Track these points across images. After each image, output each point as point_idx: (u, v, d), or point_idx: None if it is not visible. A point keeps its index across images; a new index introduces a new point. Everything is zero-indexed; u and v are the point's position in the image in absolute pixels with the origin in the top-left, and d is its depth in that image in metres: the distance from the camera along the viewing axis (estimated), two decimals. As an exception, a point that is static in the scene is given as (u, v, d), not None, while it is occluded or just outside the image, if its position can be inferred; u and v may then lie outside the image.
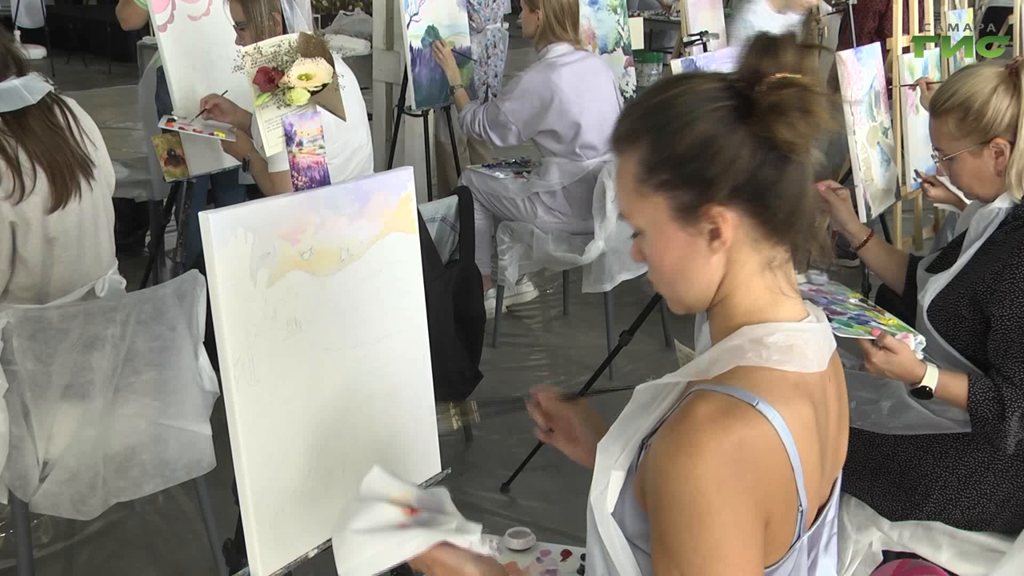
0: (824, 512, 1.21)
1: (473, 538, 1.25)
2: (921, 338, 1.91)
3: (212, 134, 3.11)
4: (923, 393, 1.87)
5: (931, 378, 1.86)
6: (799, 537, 1.13)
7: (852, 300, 2.04)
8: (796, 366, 1.11)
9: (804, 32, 1.25)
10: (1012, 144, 1.98)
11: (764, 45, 1.10)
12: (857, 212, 3.28)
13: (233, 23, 2.94)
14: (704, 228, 1.11)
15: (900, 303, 2.23)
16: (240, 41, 2.97)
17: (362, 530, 1.22)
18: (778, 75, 1.07)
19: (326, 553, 1.32)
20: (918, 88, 3.88)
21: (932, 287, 2.00)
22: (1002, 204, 2.00)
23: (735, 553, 1.04)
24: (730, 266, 1.14)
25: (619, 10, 4.68)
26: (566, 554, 1.78)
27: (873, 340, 1.85)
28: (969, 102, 2.00)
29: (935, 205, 4.59)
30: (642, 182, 1.13)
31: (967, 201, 2.35)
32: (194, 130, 3.21)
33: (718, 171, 1.09)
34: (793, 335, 1.13)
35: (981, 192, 2.07)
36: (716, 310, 1.18)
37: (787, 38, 1.10)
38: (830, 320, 1.85)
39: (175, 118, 3.27)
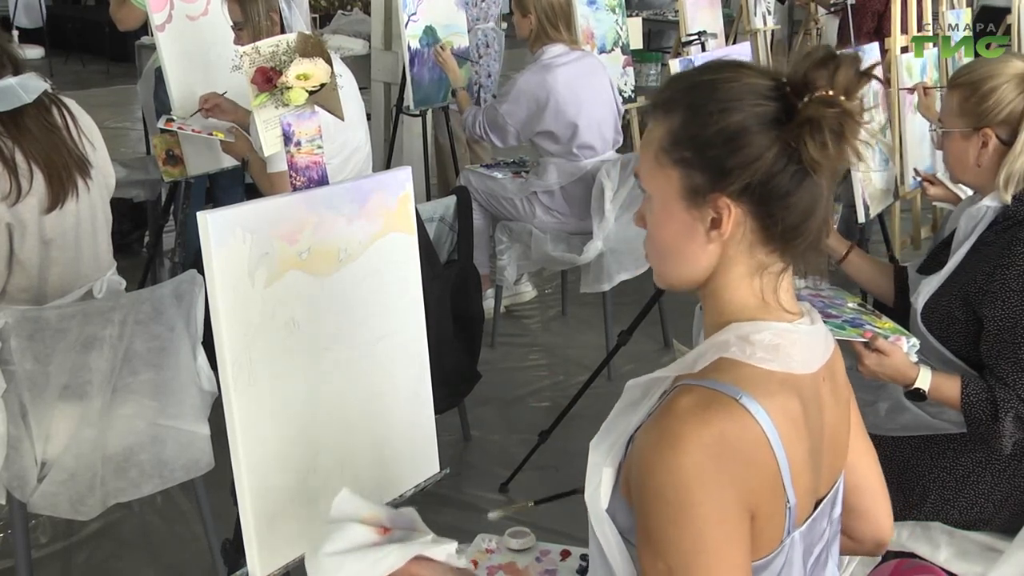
0: (823, 507, 1.21)
1: (450, 550, 1.25)
2: (915, 340, 1.91)
3: (211, 134, 3.10)
4: (917, 395, 1.88)
5: (924, 380, 1.86)
6: (789, 533, 1.13)
7: (850, 304, 2.05)
8: (780, 366, 1.12)
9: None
10: (1001, 140, 1.96)
11: (824, 59, 1.09)
12: (856, 212, 3.29)
13: (231, 23, 2.94)
14: (707, 215, 1.12)
15: (895, 311, 2.22)
16: (238, 41, 2.97)
17: (336, 552, 1.22)
18: (828, 92, 1.07)
19: (306, 551, 1.32)
20: (916, 93, 3.87)
21: (924, 290, 1.99)
22: (991, 203, 1.98)
23: (719, 544, 1.04)
24: (723, 260, 1.15)
25: (617, 10, 4.68)
26: (565, 554, 1.78)
27: (865, 342, 1.85)
28: (979, 84, 1.97)
29: (934, 204, 4.60)
30: (664, 152, 1.13)
31: (964, 198, 2.35)
32: (193, 130, 3.21)
33: (737, 165, 1.09)
34: (781, 335, 1.14)
35: (962, 177, 2.07)
36: (707, 305, 1.19)
37: (850, 59, 1.09)
38: (823, 323, 1.85)
39: (173, 118, 3.26)
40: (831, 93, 1.07)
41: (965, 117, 1.99)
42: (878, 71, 1.13)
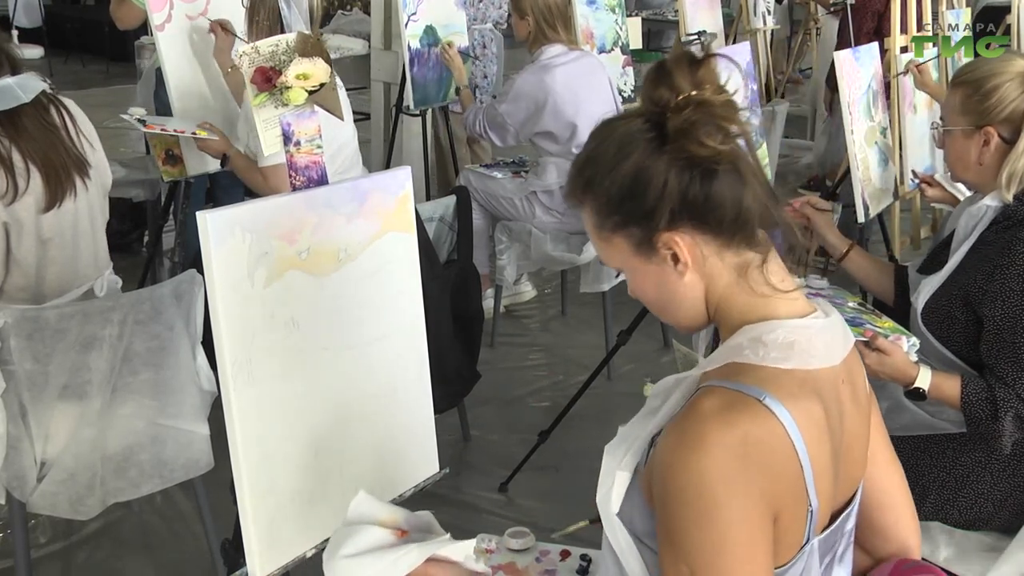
0: (841, 520, 1.20)
1: (468, 550, 1.25)
2: (915, 340, 1.91)
3: (194, 134, 3.09)
4: (916, 394, 1.87)
5: (924, 379, 1.86)
6: (808, 540, 1.12)
7: (850, 304, 2.05)
8: (797, 363, 1.12)
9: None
10: (1003, 139, 1.96)
11: (657, 74, 1.14)
12: (856, 211, 3.29)
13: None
14: (664, 255, 1.16)
15: (895, 310, 2.22)
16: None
17: (355, 554, 1.23)
18: (679, 98, 1.11)
19: (324, 553, 1.32)
20: (910, 74, 3.86)
21: (925, 289, 1.99)
22: (991, 202, 1.98)
23: (742, 547, 1.04)
24: (707, 280, 1.17)
25: (617, 10, 4.68)
26: (565, 554, 1.78)
27: (866, 342, 1.85)
28: (982, 81, 1.97)
29: (932, 205, 4.60)
30: (601, 229, 1.19)
31: (961, 199, 2.34)
32: (175, 130, 3.21)
33: (653, 202, 1.12)
34: (795, 331, 1.14)
35: (963, 176, 2.07)
36: (719, 321, 1.20)
37: (676, 59, 1.14)
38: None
39: (145, 119, 3.25)
40: (680, 97, 1.11)
41: (967, 115, 1.99)
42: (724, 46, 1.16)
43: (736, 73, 1.17)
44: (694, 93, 1.10)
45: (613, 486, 1.15)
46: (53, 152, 2.22)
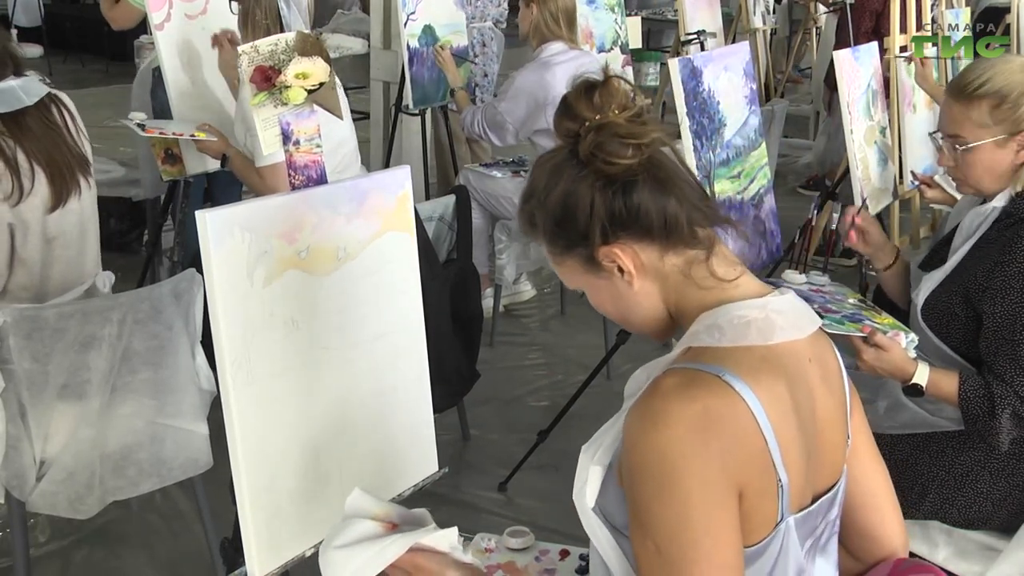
0: (822, 503, 1.21)
1: (452, 539, 1.26)
2: (913, 336, 1.91)
3: (193, 135, 3.09)
4: (914, 391, 1.88)
5: (922, 375, 1.86)
6: (783, 518, 1.13)
7: (851, 300, 2.05)
8: (755, 340, 1.15)
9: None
10: None
11: (562, 108, 1.21)
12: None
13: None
14: (610, 268, 1.21)
15: (901, 308, 2.21)
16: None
17: (344, 545, 1.26)
18: (584, 125, 1.17)
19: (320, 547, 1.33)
20: (912, 64, 3.85)
21: (925, 286, 2.00)
22: (999, 203, 1.98)
23: (705, 520, 1.06)
24: (659, 284, 1.21)
25: (617, 9, 4.68)
26: (564, 553, 1.78)
27: (864, 337, 1.85)
28: (1006, 90, 1.96)
29: (932, 206, 4.60)
30: (555, 253, 1.25)
31: (958, 198, 2.33)
32: (174, 133, 3.20)
33: (584, 222, 1.18)
34: (750, 311, 1.17)
35: (989, 186, 2.01)
36: (681, 320, 1.23)
37: (576, 91, 1.20)
38: (822, 317, 1.86)
39: (145, 123, 3.25)
40: (587, 124, 1.17)
41: (1000, 125, 1.96)
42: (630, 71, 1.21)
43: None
44: (597, 118, 1.16)
45: (587, 481, 1.17)
46: (57, 152, 2.22)
